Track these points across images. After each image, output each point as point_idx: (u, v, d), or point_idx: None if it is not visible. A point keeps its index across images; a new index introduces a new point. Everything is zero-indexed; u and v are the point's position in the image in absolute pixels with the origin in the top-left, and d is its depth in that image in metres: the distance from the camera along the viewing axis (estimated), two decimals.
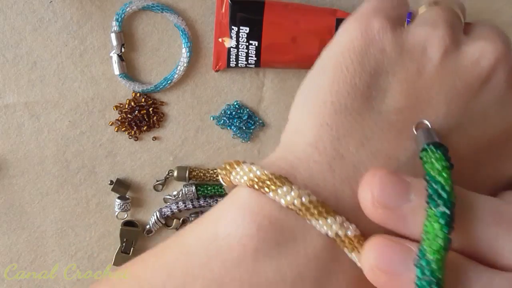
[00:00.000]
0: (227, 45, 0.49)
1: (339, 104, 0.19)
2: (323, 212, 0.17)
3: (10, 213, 0.52)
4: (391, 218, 0.17)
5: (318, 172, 0.18)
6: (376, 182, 0.17)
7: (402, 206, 0.17)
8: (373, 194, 0.17)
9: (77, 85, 0.50)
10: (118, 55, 0.49)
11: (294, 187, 0.17)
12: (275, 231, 0.17)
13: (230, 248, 0.17)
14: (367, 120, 0.19)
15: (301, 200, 0.17)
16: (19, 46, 0.49)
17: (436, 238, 0.16)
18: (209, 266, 0.17)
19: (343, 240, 0.16)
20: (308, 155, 0.19)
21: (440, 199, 0.16)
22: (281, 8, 0.48)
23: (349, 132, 0.19)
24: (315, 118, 0.20)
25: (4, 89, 0.50)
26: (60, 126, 0.51)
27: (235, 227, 0.17)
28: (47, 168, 0.52)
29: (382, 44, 0.20)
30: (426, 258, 0.16)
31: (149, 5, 0.49)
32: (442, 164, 0.17)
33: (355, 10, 0.23)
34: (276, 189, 0.17)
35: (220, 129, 0.52)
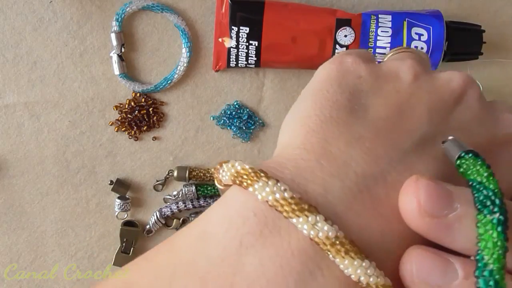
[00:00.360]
0: (227, 45, 0.49)
1: (323, 116, 0.20)
2: (304, 210, 0.16)
3: (10, 213, 0.52)
4: (436, 227, 0.17)
5: (306, 168, 0.18)
6: (422, 189, 0.17)
7: (449, 215, 0.17)
8: (419, 202, 0.17)
9: (77, 85, 0.50)
10: (118, 55, 0.49)
11: (271, 182, 0.17)
12: (260, 223, 0.17)
13: (215, 244, 0.17)
14: (355, 126, 0.19)
15: (274, 196, 0.17)
16: (19, 46, 0.49)
17: (496, 247, 0.15)
18: (195, 263, 0.17)
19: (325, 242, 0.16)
20: (296, 154, 0.19)
21: (494, 206, 0.16)
22: (281, 8, 0.48)
23: (336, 135, 0.19)
24: (302, 128, 0.20)
25: (4, 89, 0.50)
26: (60, 126, 0.51)
27: (221, 223, 0.17)
28: (47, 168, 0.52)
29: (357, 72, 0.21)
30: (488, 268, 0.15)
31: (149, 5, 0.49)
32: (488, 171, 0.17)
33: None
34: (253, 184, 0.17)
35: (220, 129, 0.52)
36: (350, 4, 0.51)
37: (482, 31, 0.50)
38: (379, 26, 0.48)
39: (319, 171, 0.18)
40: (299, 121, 0.20)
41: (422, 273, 0.17)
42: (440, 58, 0.49)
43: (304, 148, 0.19)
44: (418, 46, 0.48)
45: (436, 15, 0.48)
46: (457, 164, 0.18)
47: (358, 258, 0.16)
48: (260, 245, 0.16)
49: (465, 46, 0.50)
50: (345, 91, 0.21)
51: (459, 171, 0.18)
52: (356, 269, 0.16)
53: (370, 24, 0.48)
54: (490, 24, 0.52)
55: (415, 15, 0.48)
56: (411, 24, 0.48)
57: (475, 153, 0.18)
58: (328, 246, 0.16)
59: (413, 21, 0.48)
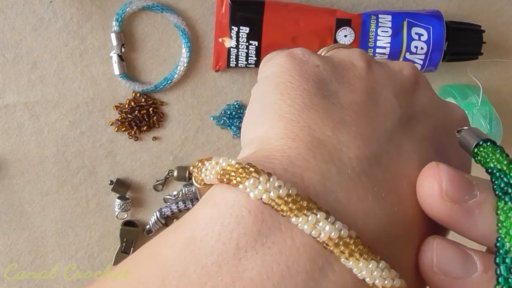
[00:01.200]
0: (227, 45, 0.49)
1: (297, 105, 0.19)
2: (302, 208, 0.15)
3: (10, 213, 0.52)
4: (457, 213, 0.16)
5: (296, 156, 0.17)
6: (444, 174, 0.17)
7: (469, 201, 0.17)
8: (441, 186, 0.16)
9: (77, 85, 0.50)
10: (118, 55, 0.49)
11: (262, 178, 0.15)
12: (257, 221, 0.15)
13: (209, 250, 0.15)
14: (333, 111, 0.18)
15: (269, 194, 0.15)
16: (19, 46, 0.49)
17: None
18: (187, 275, 0.15)
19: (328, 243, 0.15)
20: (281, 145, 0.17)
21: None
22: (281, 8, 0.48)
23: (318, 121, 0.18)
24: (278, 120, 0.18)
25: (4, 89, 0.50)
26: (60, 126, 0.51)
27: (212, 225, 0.15)
28: (47, 168, 0.52)
29: (313, 62, 0.20)
30: (510, 255, 0.15)
31: (149, 5, 0.49)
32: (508, 159, 0.17)
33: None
34: (242, 181, 0.15)
35: (220, 129, 0.52)
36: (350, 4, 0.51)
37: (482, 31, 0.50)
38: (379, 26, 0.48)
39: (312, 158, 0.17)
40: (271, 114, 0.19)
41: (443, 263, 0.16)
42: (440, 58, 0.49)
43: (289, 137, 0.17)
44: (418, 46, 0.48)
45: (436, 15, 0.48)
46: (474, 152, 0.18)
47: (372, 259, 0.15)
48: (260, 246, 0.15)
49: (465, 46, 0.50)
50: (309, 79, 0.19)
51: (475, 159, 0.18)
52: (370, 271, 0.15)
53: (370, 24, 0.48)
54: (490, 24, 0.52)
55: (415, 15, 0.48)
56: (411, 24, 0.48)
57: (493, 142, 0.18)
58: (332, 247, 0.15)
59: (413, 21, 0.48)
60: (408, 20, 0.48)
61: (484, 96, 0.50)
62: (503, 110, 0.52)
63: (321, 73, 0.20)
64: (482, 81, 0.50)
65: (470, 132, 0.19)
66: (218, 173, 0.16)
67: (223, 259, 0.15)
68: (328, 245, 0.15)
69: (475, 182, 0.17)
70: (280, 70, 0.20)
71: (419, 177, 0.17)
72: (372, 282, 0.15)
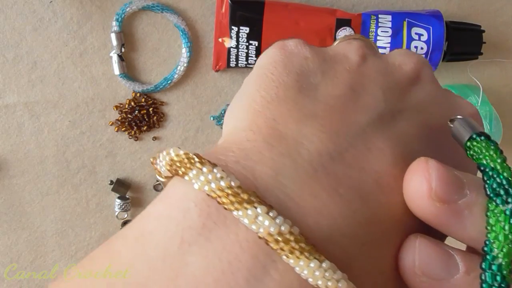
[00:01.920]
0: (227, 45, 0.49)
1: (269, 96, 0.18)
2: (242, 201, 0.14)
3: (10, 213, 0.52)
4: (445, 214, 0.16)
5: (252, 148, 0.16)
6: (433, 171, 0.16)
7: (459, 201, 0.16)
8: (430, 185, 0.15)
9: (77, 85, 0.50)
10: (118, 55, 0.49)
11: (206, 168, 0.15)
12: (202, 215, 0.14)
13: (155, 243, 0.15)
14: (305, 104, 0.18)
15: (210, 185, 0.14)
16: (19, 46, 0.49)
17: (507, 240, 0.14)
18: (135, 268, 0.14)
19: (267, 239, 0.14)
20: (242, 137, 0.17)
21: (508, 196, 0.15)
22: (281, 8, 0.48)
23: (285, 114, 0.17)
24: (247, 111, 0.18)
25: (4, 89, 0.50)
26: (60, 126, 0.51)
27: (161, 219, 0.15)
28: (47, 168, 0.52)
29: (303, 54, 0.20)
30: (497, 262, 0.14)
31: (149, 5, 0.49)
32: (502, 157, 0.16)
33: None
34: (187, 172, 0.15)
35: (220, 129, 0.52)
36: (350, 4, 0.51)
37: (482, 31, 0.50)
38: (379, 26, 0.48)
39: (267, 151, 0.16)
40: (244, 106, 0.18)
41: (424, 264, 0.16)
42: (440, 58, 0.49)
43: (250, 130, 0.17)
44: (418, 46, 0.48)
45: (436, 15, 0.48)
46: (466, 146, 0.17)
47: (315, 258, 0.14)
48: (203, 240, 0.14)
49: (465, 46, 0.50)
50: (292, 72, 0.19)
51: (468, 153, 0.17)
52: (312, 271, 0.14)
53: (370, 24, 0.48)
54: (490, 24, 0.52)
55: (415, 15, 0.48)
56: (411, 24, 0.48)
57: (488, 136, 0.17)
58: (272, 243, 0.14)
59: (413, 21, 0.48)
60: (408, 20, 0.48)
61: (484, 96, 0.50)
62: (503, 110, 0.52)
63: (308, 66, 0.19)
64: (482, 81, 0.50)
65: (463, 123, 0.17)
66: (168, 164, 0.16)
67: (168, 253, 0.14)
68: (269, 241, 0.14)
69: (466, 180, 0.16)
70: (267, 61, 0.20)
71: (406, 173, 0.16)
72: (315, 283, 0.14)
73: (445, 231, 0.16)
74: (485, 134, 0.17)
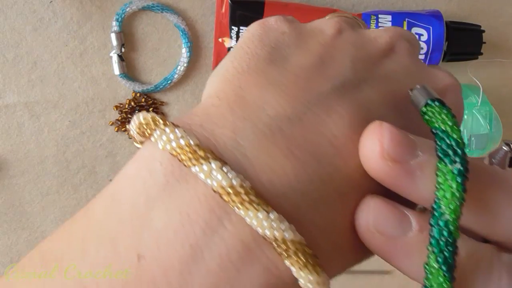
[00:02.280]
0: (227, 45, 0.49)
1: (241, 67, 0.19)
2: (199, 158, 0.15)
3: (10, 213, 0.52)
4: (397, 173, 0.16)
5: (216, 113, 0.17)
6: (386, 133, 0.16)
7: (411, 161, 0.16)
8: (383, 145, 0.16)
9: (77, 85, 0.50)
10: (118, 55, 0.49)
11: (168, 128, 0.16)
12: (166, 173, 0.16)
13: (125, 201, 0.16)
14: (272, 73, 0.19)
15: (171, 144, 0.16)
16: (19, 46, 0.49)
17: (454, 197, 0.15)
18: (106, 224, 0.16)
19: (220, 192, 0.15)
20: (208, 103, 0.18)
21: (456, 156, 0.16)
22: (281, 8, 0.48)
23: (252, 82, 0.18)
24: (219, 80, 0.19)
25: (4, 89, 0.50)
26: (60, 126, 0.51)
27: (130, 179, 0.16)
28: (47, 168, 0.52)
29: (281, 29, 0.21)
30: (444, 218, 0.15)
31: (149, 5, 0.49)
32: (453, 121, 0.17)
33: None
34: (152, 133, 0.16)
35: None
36: (350, 4, 0.51)
37: (482, 31, 0.50)
38: (379, 26, 0.48)
39: (229, 115, 0.17)
40: (218, 76, 0.20)
41: (378, 222, 0.16)
42: (440, 58, 0.49)
43: (217, 96, 0.18)
44: None
45: (436, 15, 0.49)
46: (422, 111, 0.18)
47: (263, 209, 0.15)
48: (167, 196, 0.15)
49: (465, 46, 0.50)
50: (266, 45, 0.20)
51: (423, 118, 0.18)
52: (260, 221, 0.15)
53: (370, 24, 0.48)
54: (490, 24, 0.52)
55: (415, 15, 0.48)
56: (411, 24, 0.48)
57: (442, 102, 0.17)
58: (224, 196, 0.15)
59: (413, 21, 0.48)
60: (408, 20, 0.48)
61: (484, 96, 0.50)
62: (503, 110, 0.52)
63: (283, 40, 0.20)
64: (482, 81, 0.50)
65: (421, 90, 0.18)
66: (137, 127, 0.17)
67: (135, 209, 0.15)
68: (221, 194, 0.15)
69: (419, 142, 0.17)
70: (246, 35, 0.21)
71: (361, 135, 0.17)
72: (263, 233, 0.15)
73: (398, 190, 0.17)
74: (440, 100, 0.17)
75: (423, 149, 0.17)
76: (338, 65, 0.19)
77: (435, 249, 0.15)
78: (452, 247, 0.15)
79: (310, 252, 0.15)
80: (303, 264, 0.15)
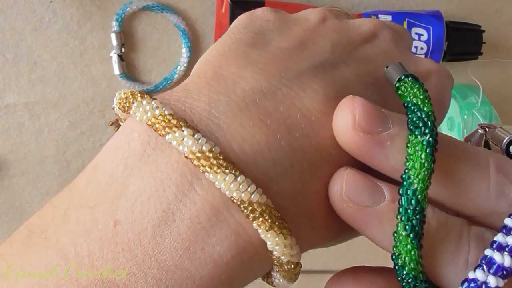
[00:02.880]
0: None
1: (222, 49, 0.20)
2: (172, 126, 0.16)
3: (10, 213, 0.52)
4: (369, 144, 0.17)
5: (194, 89, 0.18)
6: (358, 105, 0.17)
7: (382, 133, 0.17)
8: (354, 117, 0.17)
9: (77, 85, 0.50)
10: (118, 55, 0.49)
11: (145, 101, 0.17)
12: (143, 143, 0.17)
13: (105, 171, 0.17)
14: (251, 54, 0.19)
15: (147, 115, 0.17)
16: (19, 46, 0.49)
17: (422, 168, 0.16)
18: (86, 194, 0.17)
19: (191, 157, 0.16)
20: (189, 81, 0.19)
21: (426, 128, 0.16)
22: (281, 8, 0.48)
23: (231, 61, 0.19)
24: (201, 62, 0.20)
25: (4, 89, 0.50)
26: (60, 126, 0.51)
27: (110, 150, 0.17)
28: (47, 168, 0.52)
29: (266, 17, 0.22)
30: (412, 187, 0.16)
31: (149, 5, 0.49)
32: (424, 94, 0.17)
33: None
34: (130, 106, 0.17)
35: None
36: (350, 4, 0.51)
37: (482, 31, 0.50)
38: None
39: (206, 90, 0.18)
40: (201, 60, 0.21)
41: (350, 191, 0.17)
42: (440, 58, 0.49)
43: (197, 75, 0.19)
44: (418, 46, 0.48)
45: (436, 15, 0.49)
46: (396, 87, 0.18)
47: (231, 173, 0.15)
48: (143, 164, 0.16)
49: (465, 46, 0.50)
50: (250, 31, 0.21)
51: (397, 93, 0.18)
52: (228, 184, 0.15)
53: None
54: (490, 24, 0.52)
55: (415, 15, 0.48)
56: (411, 24, 0.48)
57: (415, 77, 0.18)
58: (195, 161, 0.16)
59: (413, 21, 0.48)
60: (408, 20, 0.48)
61: (484, 96, 0.50)
62: (503, 110, 0.52)
63: (267, 26, 0.21)
64: (482, 81, 0.50)
65: (395, 67, 0.19)
66: (118, 103, 0.18)
67: (114, 178, 0.16)
68: (192, 159, 0.16)
69: (390, 116, 0.17)
70: (234, 24, 0.22)
71: (335, 110, 0.18)
72: (231, 195, 0.15)
73: (369, 162, 0.18)
74: (413, 76, 0.18)
75: (394, 122, 0.17)
76: (318, 47, 0.20)
77: (403, 217, 0.16)
78: (420, 215, 0.16)
79: (277, 214, 0.16)
80: (270, 226, 0.16)
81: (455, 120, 0.52)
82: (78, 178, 0.18)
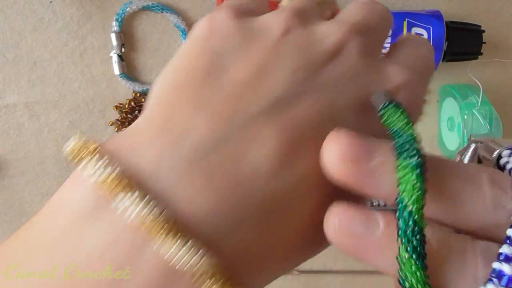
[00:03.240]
0: None
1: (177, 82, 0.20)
2: (124, 188, 0.16)
3: (10, 213, 0.52)
4: (358, 173, 0.17)
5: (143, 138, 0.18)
6: (343, 137, 0.17)
7: (371, 161, 0.17)
8: (341, 148, 0.17)
9: (77, 85, 0.50)
10: (118, 55, 0.49)
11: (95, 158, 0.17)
12: (94, 199, 0.17)
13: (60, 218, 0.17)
14: (205, 91, 0.19)
15: (95, 173, 0.17)
16: (19, 46, 0.49)
17: (414, 189, 0.16)
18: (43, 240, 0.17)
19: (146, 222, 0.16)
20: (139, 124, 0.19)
21: (412, 150, 0.17)
22: None
23: (184, 102, 0.19)
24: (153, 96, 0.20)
25: (4, 89, 0.50)
26: (60, 126, 0.51)
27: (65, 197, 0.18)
28: (47, 168, 0.52)
29: (225, 32, 0.21)
30: (408, 209, 0.16)
31: (149, 5, 0.49)
32: (407, 119, 0.18)
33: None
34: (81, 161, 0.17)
35: None
36: None
37: (482, 31, 0.50)
38: None
39: (158, 138, 0.18)
40: (155, 88, 0.20)
41: (344, 224, 0.17)
42: (440, 58, 0.49)
43: (146, 119, 0.19)
44: None
45: (436, 15, 0.49)
46: (380, 114, 0.19)
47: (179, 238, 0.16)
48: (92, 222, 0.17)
49: (465, 46, 0.50)
50: (206, 54, 0.20)
51: (382, 120, 0.19)
52: (177, 249, 0.16)
53: None
54: (490, 24, 0.52)
55: (415, 15, 0.48)
56: (411, 24, 0.48)
57: (397, 103, 0.19)
58: (144, 226, 0.16)
59: (413, 21, 0.48)
60: (408, 20, 0.48)
61: (484, 96, 0.50)
62: (503, 110, 0.52)
63: (226, 46, 0.20)
64: (482, 81, 0.50)
65: (380, 94, 0.19)
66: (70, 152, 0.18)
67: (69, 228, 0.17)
68: (141, 225, 0.16)
69: (377, 144, 0.18)
70: (193, 36, 0.21)
71: (322, 146, 0.18)
72: (180, 260, 0.16)
73: (363, 191, 0.18)
74: (395, 102, 0.19)
75: (382, 148, 0.17)
76: (275, 77, 0.20)
77: (403, 239, 0.16)
78: (419, 235, 0.16)
79: (227, 275, 0.16)
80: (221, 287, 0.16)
81: (455, 120, 0.52)
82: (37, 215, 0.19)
